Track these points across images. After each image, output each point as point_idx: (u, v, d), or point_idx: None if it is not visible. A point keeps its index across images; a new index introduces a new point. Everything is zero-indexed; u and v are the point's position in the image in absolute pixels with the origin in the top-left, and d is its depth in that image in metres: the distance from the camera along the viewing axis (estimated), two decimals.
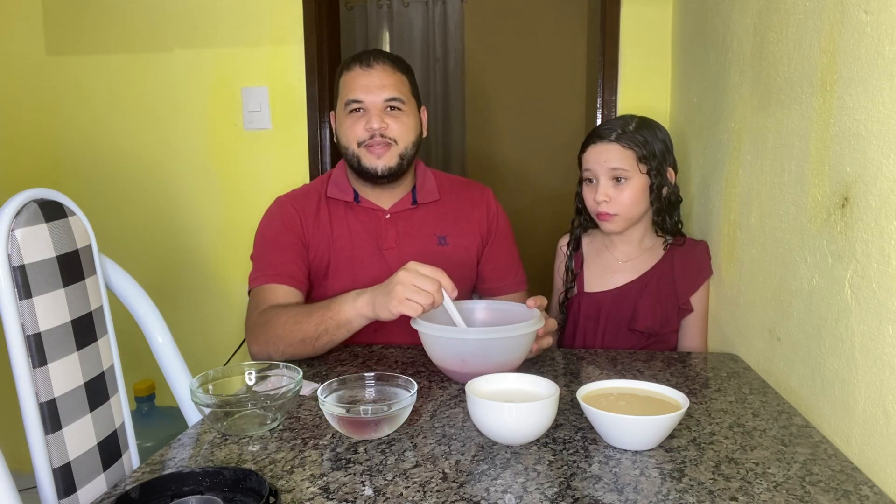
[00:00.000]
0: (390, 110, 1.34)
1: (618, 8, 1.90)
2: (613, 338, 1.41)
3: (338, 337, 1.18)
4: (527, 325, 1.06)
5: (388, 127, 1.32)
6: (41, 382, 0.85)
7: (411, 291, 1.05)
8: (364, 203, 1.40)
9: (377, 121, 1.31)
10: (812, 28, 1.00)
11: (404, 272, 1.07)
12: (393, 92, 1.33)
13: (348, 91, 1.34)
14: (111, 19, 2.09)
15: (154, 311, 1.10)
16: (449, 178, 1.51)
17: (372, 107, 1.32)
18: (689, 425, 0.92)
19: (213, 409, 0.90)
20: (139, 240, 2.15)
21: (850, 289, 0.88)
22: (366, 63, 1.34)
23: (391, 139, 1.33)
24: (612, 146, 1.36)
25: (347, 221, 1.40)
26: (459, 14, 3.44)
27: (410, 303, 1.05)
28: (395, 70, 1.36)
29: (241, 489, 0.73)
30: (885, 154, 0.80)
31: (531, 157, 3.65)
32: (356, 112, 1.34)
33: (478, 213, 1.47)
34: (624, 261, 1.44)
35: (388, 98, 1.32)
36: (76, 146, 2.16)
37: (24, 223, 0.85)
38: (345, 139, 1.36)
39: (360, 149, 1.34)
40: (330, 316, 1.17)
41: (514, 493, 0.74)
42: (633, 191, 1.36)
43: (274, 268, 1.33)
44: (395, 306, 1.06)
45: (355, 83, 1.33)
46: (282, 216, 1.39)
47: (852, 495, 0.73)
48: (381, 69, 1.34)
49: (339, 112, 1.38)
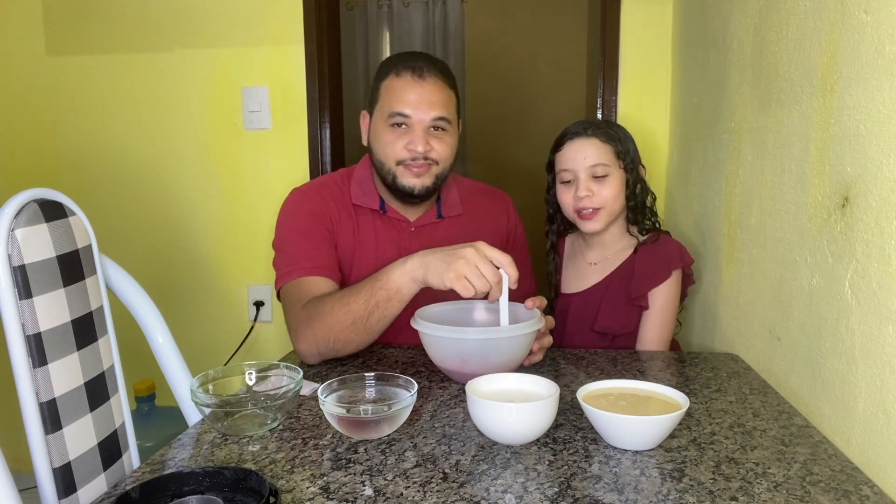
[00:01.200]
0: (434, 130, 1.26)
1: (618, 8, 1.90)
2: (579, 339, 1.39)
3: (389, 311, 1.12)
4: (527, 325, 1.06)
5: (432, 149, 1.25)
6: (41, 382, 0.85)
7: (473, 272, 1.01)
8: (391, 213, 1.35)
9: (422, 143, 1.24)
10: (812, 28, 1.00)
11: (472, 250, 1.02)
12: (442, 111, 1.25)
13: (395, 101, 1.24)
14: (111, 19, 2.09)
15: (154, 310, 1.09)
16: (471, 186, 1.47)
17: (418, 125, 1.24)
18: (689, 425, 0.92)
19: (213, 409, 0.90)
20: (139, 240, 2.15)
21: (851, 289, 0.88)
22: (419, 74, 1.24)
23: (433, 160, 1.26)
24: (591, 140, 1.34)
25: (375, 229, 1.34)
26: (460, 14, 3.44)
27: (467, 282, 1.01)
28: (446, 85, 1.27)
29: (242, 489, 0.73)
30: (885, 154, 0.80)
31: (531, 156, 3.64)
32: (398, 127, 1.25)
33: (498, 223, 1.45)
34: (594, 263, 1.43)
35: (436, 117, 1.24)
36: (76, 146, 2.16)
37: (24, 223, 0.85)
38: (382, 154, 1.28)
39: (398, 167, 1.27)
40: (379, 286, 1.10)
41: (515, 492, 0.74)
42: (613, 186, 1.34)
43: (309, 260, 1.26)
44: (451, 279, 1.02)
45: (404, 95, 1.24)
46: (309, 206, 1.32)
47: (852, 495, 0.73)
48: (434, 84, 1.24)
49: (377, 119, 1.29)
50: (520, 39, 3.56)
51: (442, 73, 1.28)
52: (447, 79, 1.29)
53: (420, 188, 1.28)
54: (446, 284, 1.03)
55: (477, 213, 1.43)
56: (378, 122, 1.29)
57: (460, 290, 1.02)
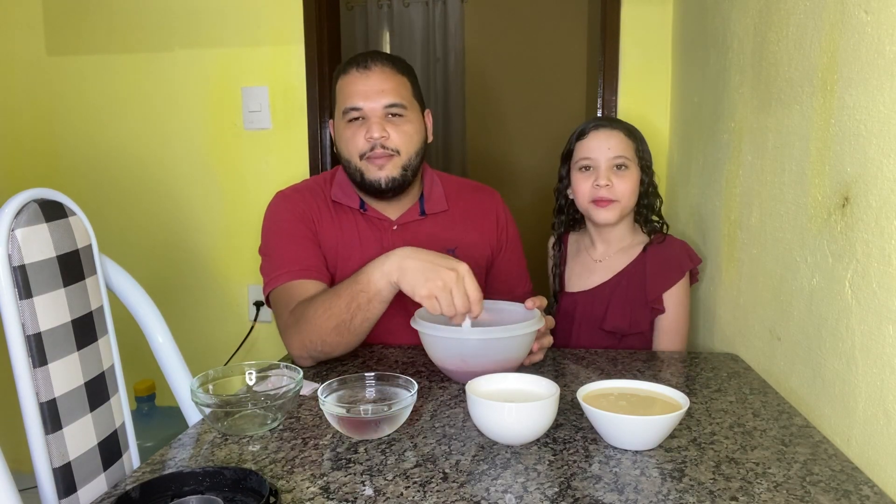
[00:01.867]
0: (391, 117, 1.26)
1: (618, 8, 1.90)
2: (588, 338, 1.39)
3: (372, 313, 1.10)
4: (527, 324, 1.06)
5: (388, 137, 1.25)
6: (41, 382, 0.85)
7: (445, 297, 1.00)
8: (371, 212, 1.34)
9: (377, 129, 1.23)
10: (812, 28, 1.00)
11: (454, 275, 1.01)
12: (393, 97, 1.25)
13: (345, 98, 1.26)
14: (112, 19, 2.09)
15: (154, 310, 1.09)
16: (456, 183, 1.45)
17: (371, 114, 1.24)
18: (689, 425, 0.92)
19: (213, 409, 0.90)
20: (139, 240, 2.15)
21: (851, 289, 0.88)
22: (363, 66, 1.25)
23: (393, 150, 1.26)
24: (616, 133, 1.36)
25: (357, 229, 1.34)
26: (460, 14, 3.44)
27: (436, 302, 1.01)
28: (395, 72, 1.27)
29: (242, 489, 0.73)
30: (885, 154, 0.80)
31: (531, 156, 3.65)
32: (355, 121, 1.26)
33: (487, 221, 1.42)
34: (600, 260, 1.43)
35: (388, 104, 1.25)
36: (77, 146, 2.16)
37: (24, 223, 0.85)
38: (346, 152, 1.28)
39: (362, 162, 1.26)
40: (360, 289, 1.09)
41: (515, 492, 0.74)
42: (631, 181, 1.36)
43: (296, 262, 1.25)
44: (423, 296, 1.01)
45: (352, 88, 1.25)
46: (291, 209, 1.32)
47: (853, 495, 0.73)
48: (380, 72, 1.25)
49: (337, 121, 1.30)
50: (520, 39, 3.56)
51: (390, 62, 1.28)
52: (396, 66, 1.29)
53: (386, 180, 1.27)
54: (416, 297, 1.02)
55: (465, 211, 1.41)
56: (338, 122, 1.30)
57: (428, 307, 1.02)
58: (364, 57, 1.28)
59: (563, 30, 3.49)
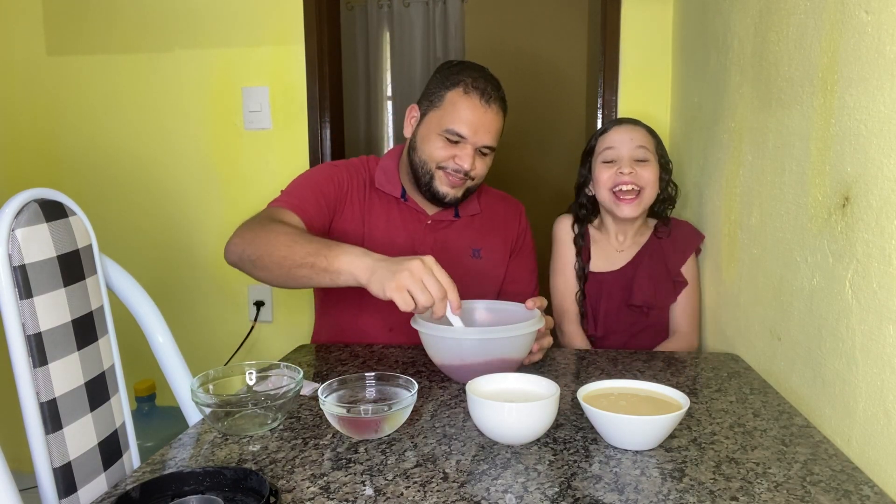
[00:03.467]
0: (480, 153, 1.33)
1: (618, 8, 1.90)
2: (615, 315, 1.47)
3: (316, 279, 1.07)
4: (527, 325, 1.06)
5: (474, 168, 1.32)
6: (42, 382, 0.85)
7: (416, 285, 0.96)
8: (410, 203, 1.40)
9: (469, 162, 1.30)
10: (813, 28, 1.00)
11: (420, 263, 0.97)
12: (495, 140, 1.33)
13: (456, 119, 1.29)
14: (112, 19, 2.09)
15: (154, 310, 1.09)
16: (488, 191, 1.52)
17: (471, 146, 1.30)
18: (689, 425, 0.92)
19: (213, 409, 0.90)
20: (140, 239, 2.15)
21: (851, 289, 0.88)
22: (486, 99, 1.29)
23: (471, 178, 1.34)
24: (638, 128, 1.46)
25: (388, 215, 1.39)
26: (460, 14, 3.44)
27: (407, 296, 0.96)
28: (503, 113, 1.34)
29: (242, 489, 0.73)
30: (885, 154, 0.80)
31: (531, 156, 3.65)
32: (451, 141, 1.30)
33: (510, 227, 1.49)
34: (621, 250, 1.52)
35: (487, 145, 1.32)
36: (77, 146, 2.16)
37: (24, 223, 0.85)
38: (427, 154, 1.32)
39: (437, 171, 1.32)
40: (325, 254, 1.05)
41: (515, 492, 0.74)
42: (653, 172, 1.43)
43: (302, 200, 1.30)
44: (392, 290, 0.96)
45: (466, 115, 1.28)
46: (331, 173, 1.38)
47: (853, 495, 0.73)
48: (496, 113, 1.31)
49: (431, 122, 1.32)
50: (520, 39, 3.56)
51: (502, 101, 1.34)
52: (504, 106, 1.35)
53: (451, 197, 1.35)
54: (386, 294, 0.97)
55: (492, 217, 1.49)
56: (432, 125, 1.32)
57: (399, 302, 0.96)
58: (488, 88, 1.30)
59: (564, 30, 3.48)
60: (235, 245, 1.18)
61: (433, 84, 1.36)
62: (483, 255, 1.43)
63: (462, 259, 1.41)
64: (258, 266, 1.14)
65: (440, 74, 1.36)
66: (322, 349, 1.33)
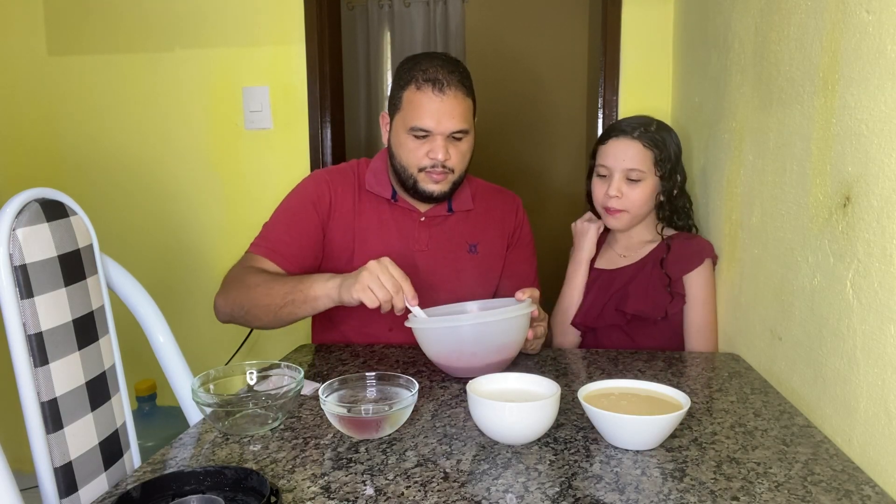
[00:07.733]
0: (454, 139, 1.30)
1: (619, 8, 1.90)
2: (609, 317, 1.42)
3: (300, 312, 1.19)
4: (518, 307, 1.07)
5: (450, 158, 1.30)
6: (42, 382, 0.85)
7: (375, 283, 1.07)
8: (401, 202, 1.40)
9: (442, 152, 1.28)
10: (814, 27, 1.00)
11: (375, 263, 1.09)
12: (461, 123, 1.28)
13: (416, 115, 1.28)
14: (112, 19, 2.09)
15: (155, 310, 1.10)
16: (482, 185, 1.51)
17: (439, 136, 1.28)
18: (690, 425, 0.92)
19: (214, 409, 0.90)
20: (140, 239, 2.15)
21: (852, 288, 0.88)
22: (439, 88, 1.27)
23: (450, 168, 1.31)
24: (634, 143, 1.38)
25: (380, 217, 1.39)
26: (460, 14, 3.44)
27: (370, 292, 1.07)
28: (465, 96, 1.30)
29: (243, 489, 0.73)
30: (886, 153, 0.80)
31: (532, 156, 3.65)
32: (419, 137, 1.30)
33: (507, 221, 1.49)
34: (624, 255, 1.49)
35: (455, 130, 1.28)
36: (77, 146, 2.16)
37: (25, 223, 0.85)
38: (405, 160, 1.32)
39: (419, 173, 1.31)
40: (300, 289, 1.17)
41: (516, 492, 0.74)
42: (644, 191, 1.39)
43: (276, 243, 1.33)
44: (357, 291, 1.08)
45: (425, 109, 1.27)
46: (311, 192, 1.38)
47: (854, 495, 0.73)
48: (454, 97, 1.27)
49: (398, 126, 1.32)
50: (521, 39, 3.55)
51: (462, 85, 1.30)
52: (465, 87, 1.30)
53: (438, 193, 1.34)
54: (353, 296, 1.08)
55: (487, 211, 1.47)
56: (399, 129, 1.32)
57: (366, 300, 1.07)
58: (440, 76, 1.27)
59: (564, 30, 3.48)
60: (223, 306, 1.27)
61: (392, 88, 1.35)
62: (480, 249, 1.43)
63: (459, 255, 1.40)
64: (249, 318, 1.25)
65: (395, 76, 1.35)
66: (322, 349, 1.34)
